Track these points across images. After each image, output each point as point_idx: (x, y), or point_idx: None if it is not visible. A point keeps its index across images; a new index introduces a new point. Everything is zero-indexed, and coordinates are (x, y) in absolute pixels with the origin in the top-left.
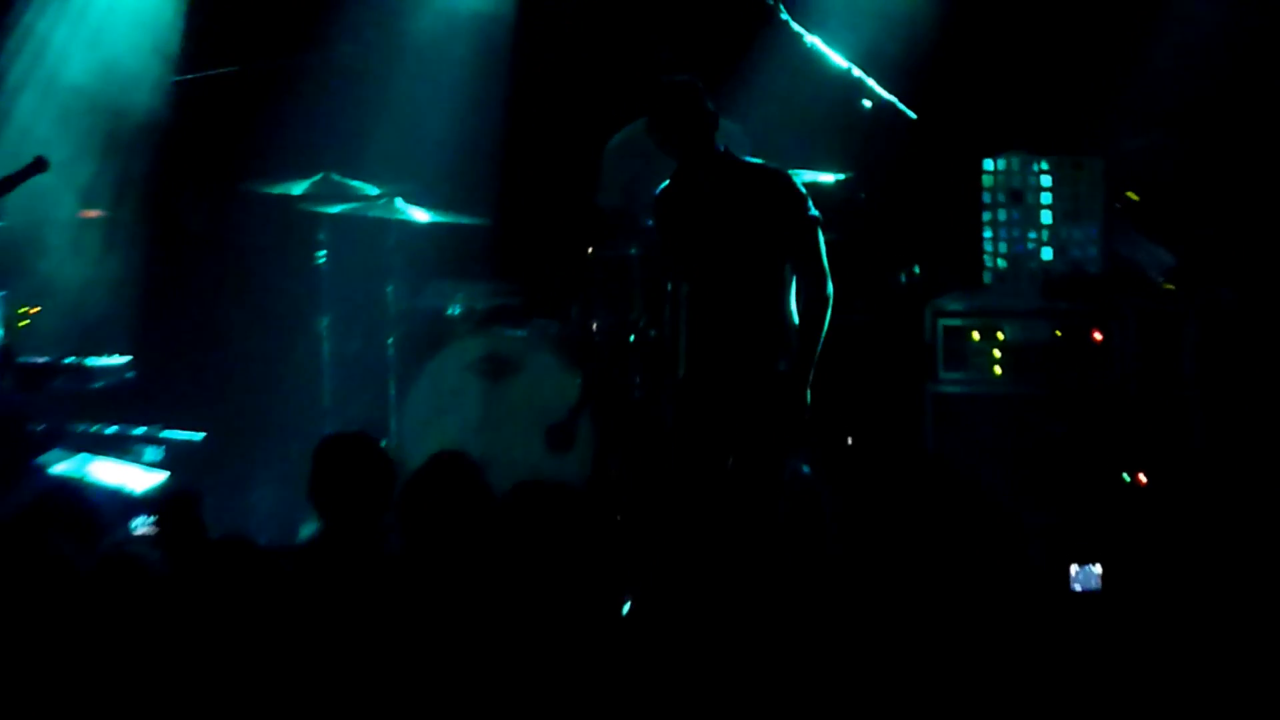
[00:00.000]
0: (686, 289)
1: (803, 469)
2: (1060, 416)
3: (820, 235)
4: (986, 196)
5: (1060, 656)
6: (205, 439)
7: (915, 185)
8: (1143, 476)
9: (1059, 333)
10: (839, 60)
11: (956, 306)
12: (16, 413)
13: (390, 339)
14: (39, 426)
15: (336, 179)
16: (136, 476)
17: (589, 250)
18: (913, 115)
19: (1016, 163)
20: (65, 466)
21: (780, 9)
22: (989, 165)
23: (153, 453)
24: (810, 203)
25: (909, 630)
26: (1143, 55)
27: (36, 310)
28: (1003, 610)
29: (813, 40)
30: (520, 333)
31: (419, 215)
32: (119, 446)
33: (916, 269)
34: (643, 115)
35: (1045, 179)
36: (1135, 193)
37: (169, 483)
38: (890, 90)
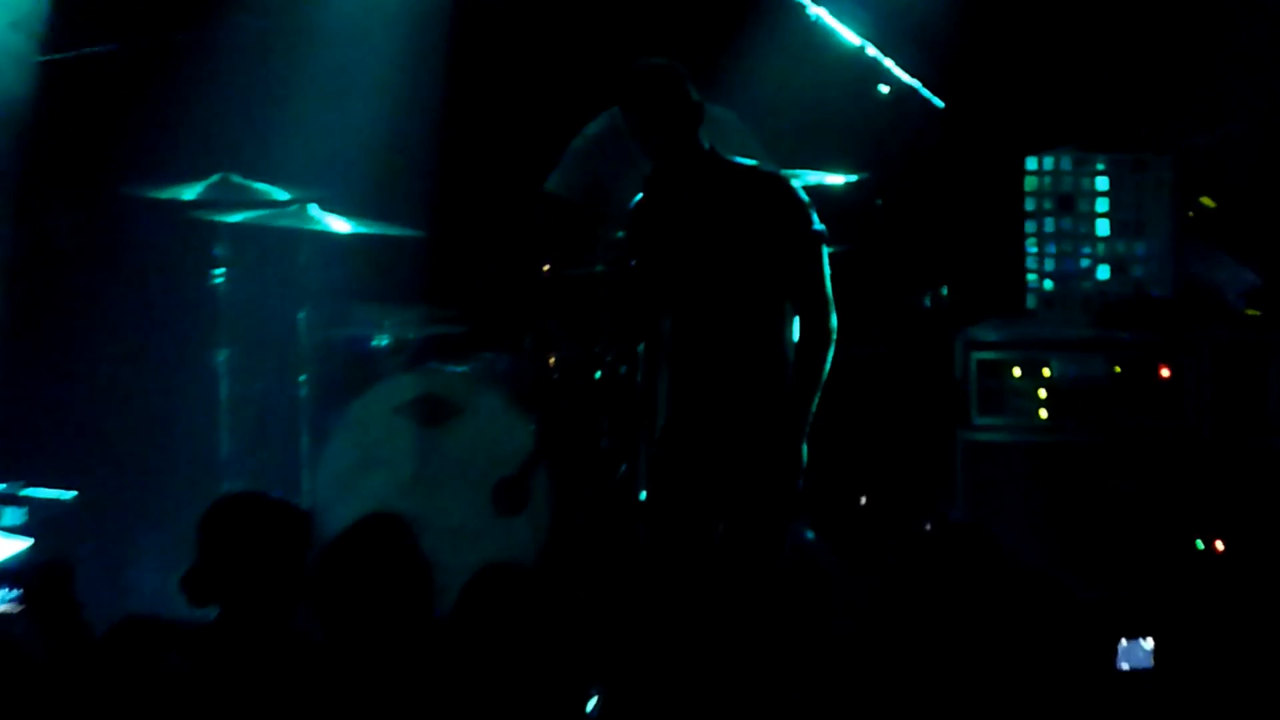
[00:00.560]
0: (666, 319)
1: (805, 534)
2: (1120, 470)
3: (824, 256)
4: (1030, 203)
5: None
6: (76, 498)
7: (943, 189)
8: (1219, 543)
9: (1118, 369)
10: (850, 37)
11: (993, 337)
12: None
13: (303, 376)
14: None
15: (237, 181)
16: None
17: (546, 268)
18: (940, 103)
19: (1066, 161)
20: None
21: None
22: (1033, 164)
23: (13, 515)
24: (813, 215)
25: None
26: (1220, 31)
27: None
28: (1042, 700)
29: (817, 12)
30: (462, 368)
31: (338, 225)
32: None
33: (944, 291)
34: (612, 105)
35: (1101, 181)
36: (1211, 198)
37: (33, 552)
38: (913, 73)
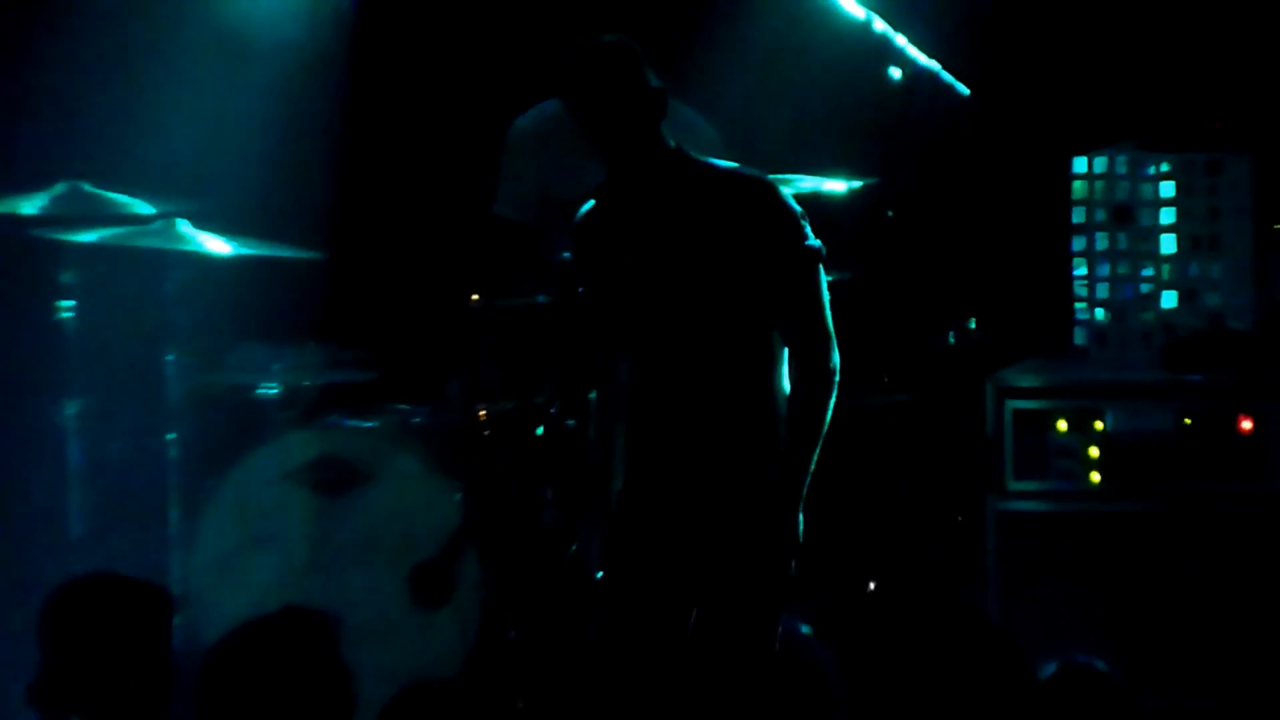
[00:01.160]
0: (625, 362)
1: (800, 629)
2: (1189, 547)
3: (821, 279)
4: (1078, 214)
5: None
6: None
7: (970, 197)
8: None
9: (1188, 420)
10: (852, 8)
11: (1033, 381)
12: None
13: (172, 435)
14: None
15: (89, 191)
16: None
17: (474, 298)
18: (966, 90)
19: (1123, 163)
20: None
21: None
22: (1081, 166)
23: None
24: (806, 226)
25: None
26: None
27: None
28: None
29: None
30: (370, 424)
31: (215, 246)
32: None
33: (972, 323)
34: (554, 93)
35: (1166, 187)
36: None
37: None
38: (932, 53)
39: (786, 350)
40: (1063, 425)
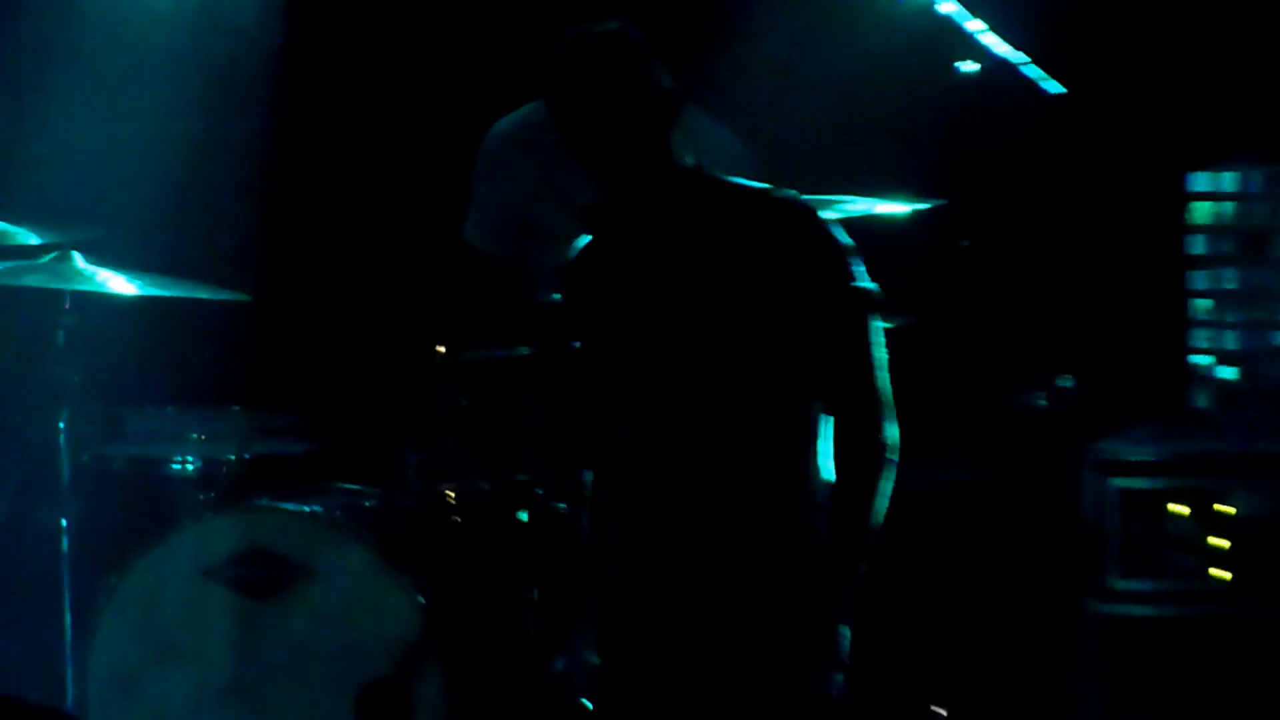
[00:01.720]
0: (624, 432)
1: None
2: None
3: (875, 326)
4: (1199, 244)
5: None
6: None
7: (1061, 223)
8: None
9: None
10: None
11: (1143, 454)
12: None
13: (64, 520)
14: None
15: None
16: None
17: (439, 350)
18: (1058, 89)
19: (1256, 180)
20: None
21: None
22: (1203, 184)
23: None
24: (856, 262)
25: None
26: None
27: None
28: None
29: None
30: (309, 508)
31: (118, 285)
32: None
33: (1066, 381)
34: (537, 96)
35: None
36: None
37: None
38: (1014, 42)
39: (830, 421)
40: (1180, 509)
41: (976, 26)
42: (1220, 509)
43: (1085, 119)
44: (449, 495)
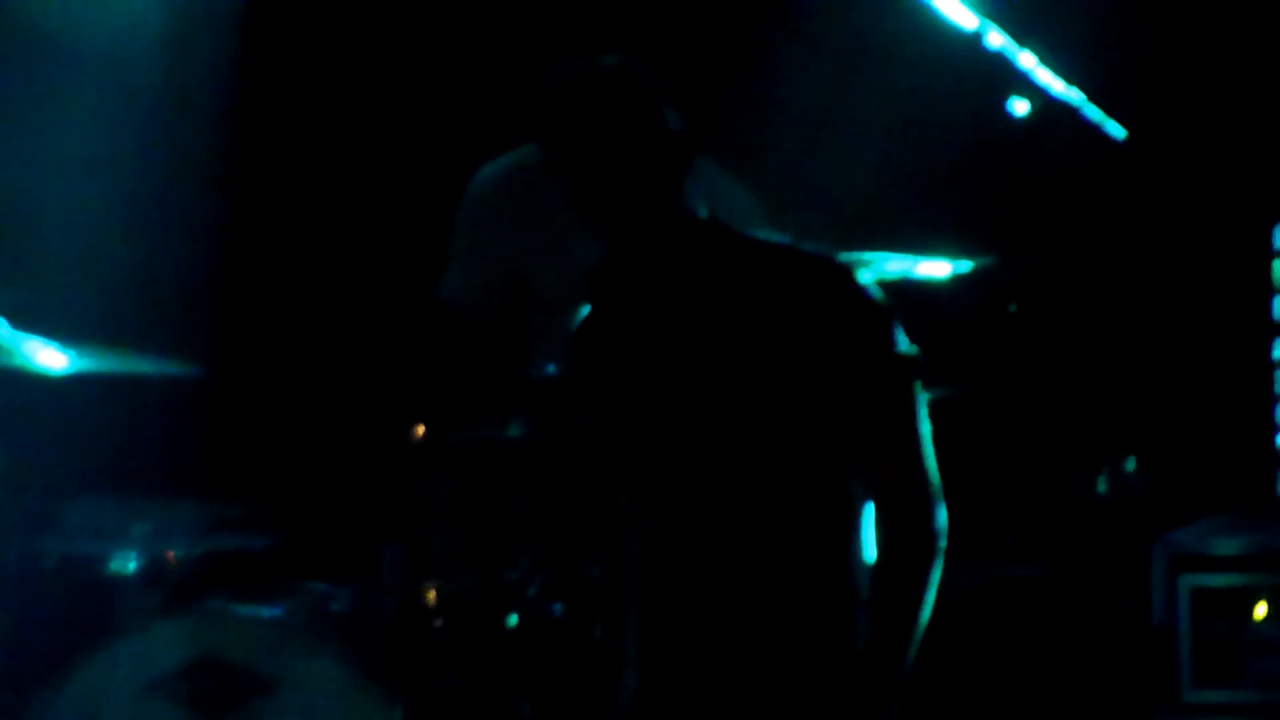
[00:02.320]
0: (644, 524)
1: None
2: None
3: (919, 398)
4: None
5: None
6: None
7: (1125, 284)
8: None
9: None
10: (961, 16)
11: (1220, 547)
12: None
13: None
14: None
15: None
16: None
17: (418, 431)
18: (1122, 133)
19: None
20: None
21: None
22: None
23: None
24: (897, 327)
25: None
26: None
27: None
28: None
29: None
30: (270, 611)
31: (48, 358)
32: None
33: (1132, 464)
34: (530, 138)
35: None
36: None
37: None
38: (1073, 79)
39: (870, 503)
40: (1263, 610)
41: (1029, 62)
42: None
43: (1152, 165)
44: (429, 596)
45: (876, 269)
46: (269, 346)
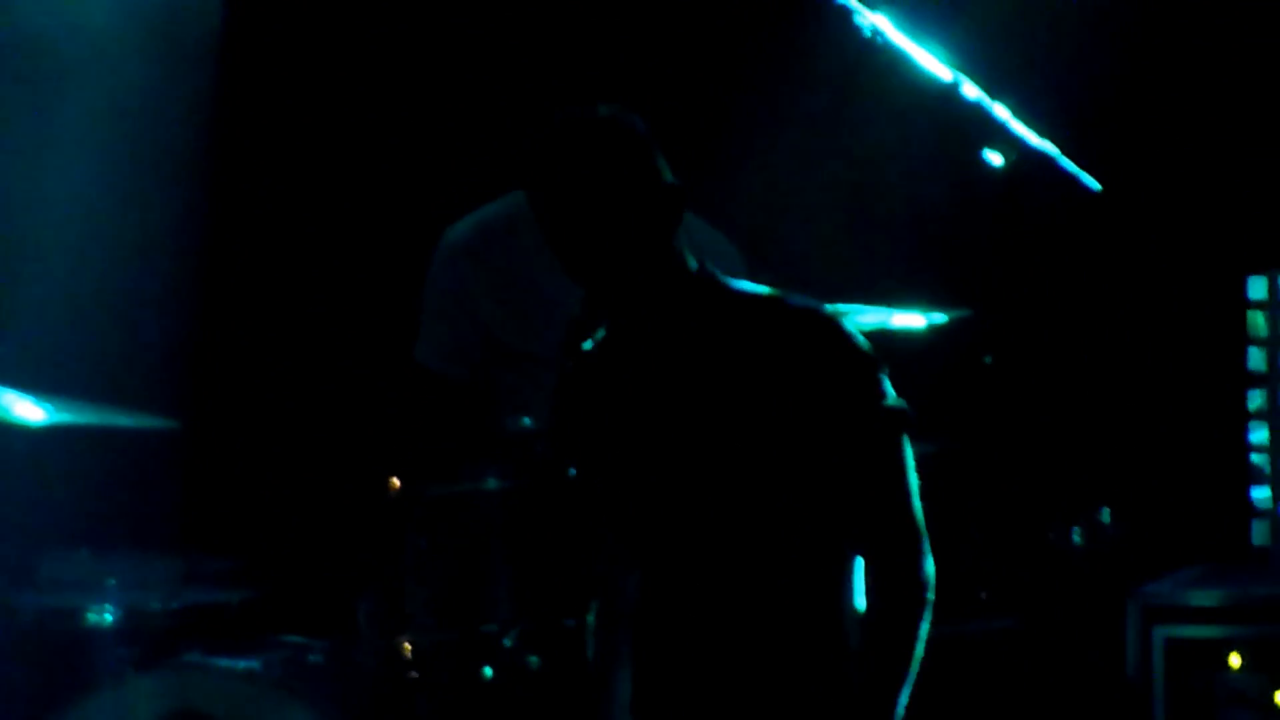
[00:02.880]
0: (634, 574)
1: None
2: None
3: (907, 450)
4: (1256, 357)
5: None
6: None
7: (1100, 336)
8: None
9: None
10: (935, 67)
11: (1195, 599)
12: None
13: None
14: None
15: None
16: None
17: (394, 483)
18: (1096, 185)
19: None
20: None
21: None
22: (1260, 290)
23: None
24: (885, 382)
25: None
26: None
27: None
28: None
29: (877, 24)
30: (248, 664)
31: (23, 410)
32: None
33: (1106, 515)
34: (518, 184)
35: None
36: None
37: None
38: (1047, 133)
39: (859, 556)
40: (1236, 661)
41: (1004, 114)
42: None
43: (1127, 217)
44: (405, 648)
45: (851, 320)
46: (245, 401)
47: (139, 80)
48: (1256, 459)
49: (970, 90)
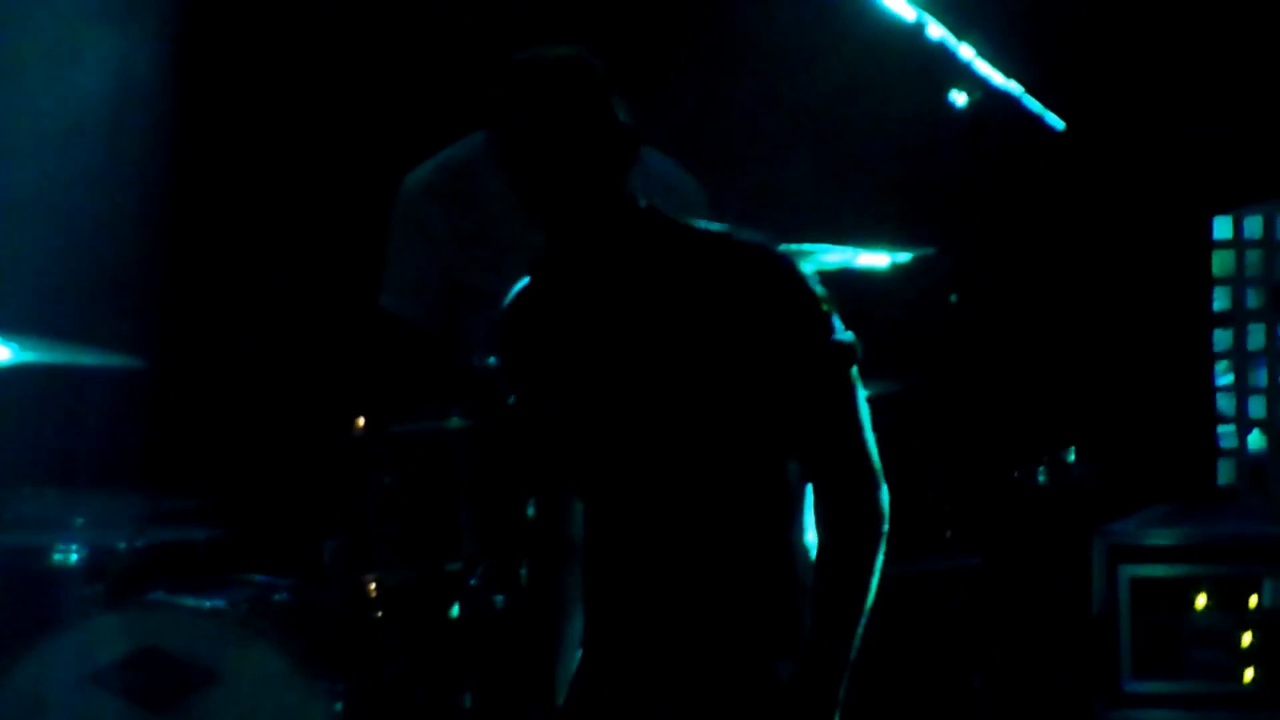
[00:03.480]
0: (580, 505)
1: None
2: None
3: (856, 384)
4: (1221, 298)
5: None
6: None
7: (1065, 275)
8: None
9: None
10: (900, 8)
11: (1160, 538)
12: None
13: None
14: None
15: None
16: None
17: (359, 422)
18: (1059, 124)
19: None
20: None
21: None
22: (1225, 230)
23: None
24: (833, 315)
25: None
26: None
27: None
28: None
29: None
30: (211, 603)
31: None
32: None
33: (1071, 455)
34: (478, 127)
35: None
36: None
37: None
38: (1012, 72)
39: (810, 489)
40: (1202, 601)
41: (968, 54)
42: (1248, 600)
43: (1091, 157)
44: (370, 587)
45: (816, 260)
46: (211, 339)
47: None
48: (1221, 399)
49: (935, 30)
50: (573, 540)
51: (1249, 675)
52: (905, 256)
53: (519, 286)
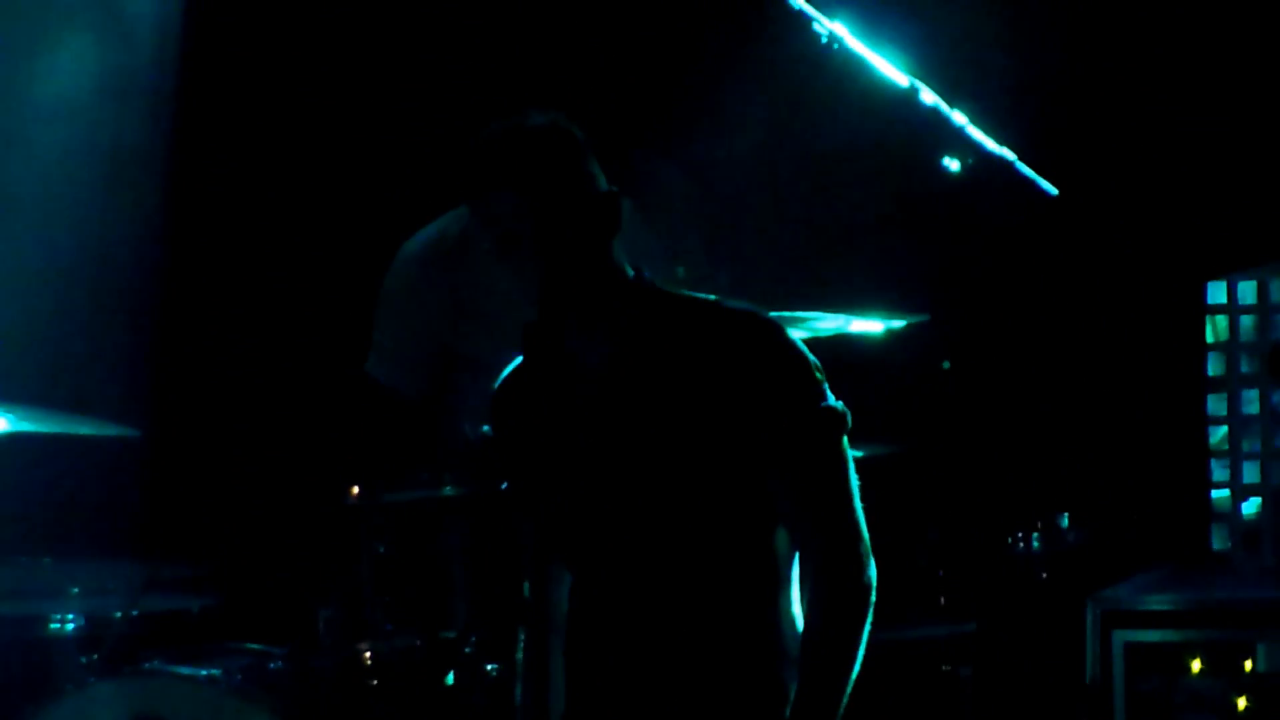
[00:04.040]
0: (569, 579)
1: None
2: None
3: (846, 452)
4: (1215, 363)
5: None
6: None
7: (1058, 342)
8: None
9: None
10: (893, 74)
11: (1154, 603)
12: None
13: None
14: None
15: None
16: None
17: (354, 491)
18: (1052, 190)
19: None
20: None
21: None
22: (1219, 295)
23: None
24: (823, 382)
25: None
26: None
27: None
28: None
29: (835, 31)
30: (209, 671)
31: None
32: None
33: (1065, 521)
34: (461, 200)
35: None
36: None
37: None
38: (1004, 139)
39: (796, 559)
40: (1197, 666)
41: (961, 119)
42: (1242, 665)
43: (1085, 223)
44: (365, 656)
45: (810, 326)
46: (206, 409)
47: (97, 84)
48: (1215, 464)
49: (928, 96)
50: (564, 612)
51: None
52: (899, 323)
53: (511, 367)
